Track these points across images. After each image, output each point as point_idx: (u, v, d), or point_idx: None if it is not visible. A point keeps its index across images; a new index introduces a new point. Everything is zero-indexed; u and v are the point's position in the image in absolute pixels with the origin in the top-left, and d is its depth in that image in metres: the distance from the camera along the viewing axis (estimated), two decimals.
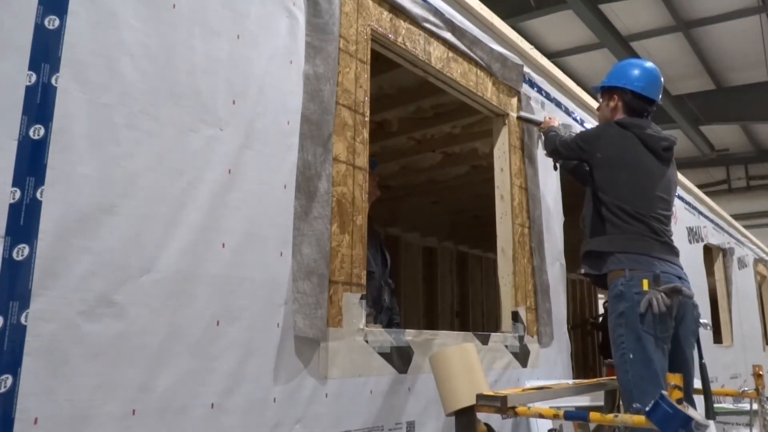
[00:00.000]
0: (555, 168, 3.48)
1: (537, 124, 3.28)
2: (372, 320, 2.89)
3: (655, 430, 1.59)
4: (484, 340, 2.72)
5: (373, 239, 2.92)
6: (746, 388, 3.30)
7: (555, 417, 1.74)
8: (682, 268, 2.59)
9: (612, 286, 2.46)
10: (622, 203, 2.54)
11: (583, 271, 2.69)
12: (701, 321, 2.60)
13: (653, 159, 2.64)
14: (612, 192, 2.59)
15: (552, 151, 2.98)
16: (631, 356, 2.31)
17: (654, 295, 2.30)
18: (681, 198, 5.90)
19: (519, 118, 3.29)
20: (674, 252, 2.60)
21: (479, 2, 3.16)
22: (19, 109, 1.33)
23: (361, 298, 2.10)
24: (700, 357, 2.61)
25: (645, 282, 2.36)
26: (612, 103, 2.75)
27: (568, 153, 2.84)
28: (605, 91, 2.81)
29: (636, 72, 2.73)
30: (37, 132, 1.34)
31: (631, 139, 2.62)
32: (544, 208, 3.39)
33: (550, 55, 9.63)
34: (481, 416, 1.83)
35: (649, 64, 2.77)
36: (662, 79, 2.82)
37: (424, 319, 7.43)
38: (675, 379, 1.64)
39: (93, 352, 1.37)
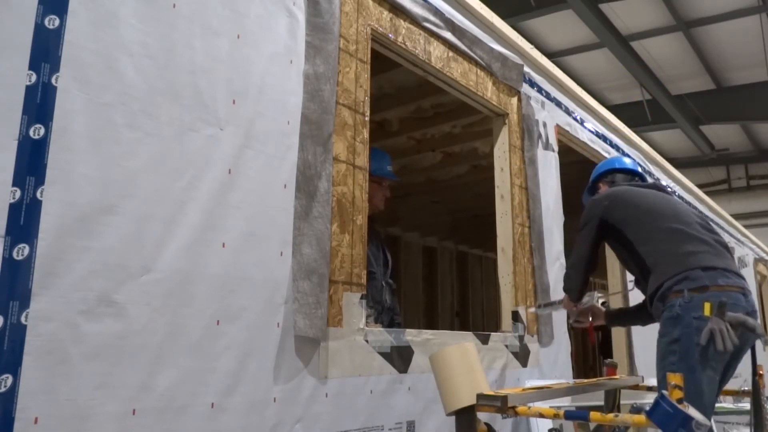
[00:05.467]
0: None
1: (557, 305, 2.97)
2: (373, 320, 2.89)
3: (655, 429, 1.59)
4: (485, 340, 2.72)
5: (374, 239, 2.92)
6: (746, 388, 3.29)
7: (555, 416, 1.74)
8: (743, 278, 2.29)
9: (668, 307, 2.18)
10: (655, 231, 2.34)
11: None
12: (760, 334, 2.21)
13: (655, 192, 2.57)
14: (636, 224, 2.40)
15: (567, 277, 2.69)
16: None
17: (718, 325, 2.01)
18: (681, 198, 5.90)
19: (538, 309, 3.03)
20: (729, 257, 2.34)
21: (479, 2, 3.16)
22: (19, 109, 1.33)
23: (362, 298, 2.10)
24: (754, 373, 2.37)
25: (707, 306, 2.06)
26: (601, 190, 2.83)
27: (580, 247, 2.56)
28: (592, 190, 2.93)
29: (614, 161, 3.02)
30: (37, 132, 1.34)
31: (622, 189, 2.61)
32: (544, 207, 3.38)
33: (550, 55, 9.62)
34: (482, 416, 1.83)
35: (627, 159, 3.07)
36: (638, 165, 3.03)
37: (424, 319, 7.43)
38: (675, 378, 1.64)
39: (93, 351, 1.37)
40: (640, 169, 2.99)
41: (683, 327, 2.11)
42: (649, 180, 2.99)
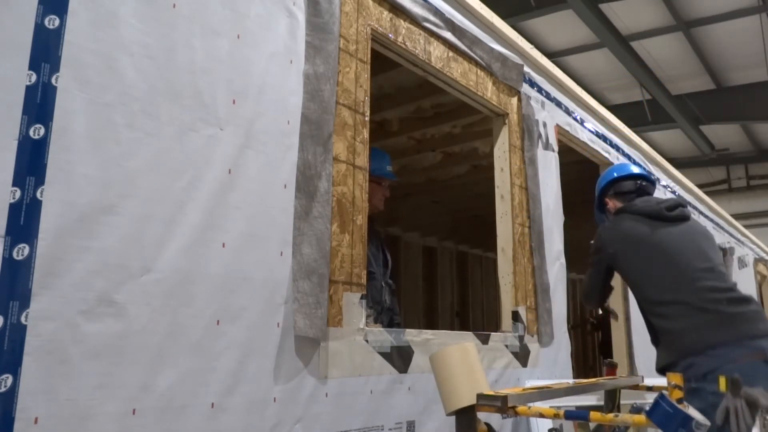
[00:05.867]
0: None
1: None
2: (373, 320, 2.89)
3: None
4: (485, 340, 2.72)
5: (374, 239, 2.92)
6: None
7: (555, 416, 1.74)
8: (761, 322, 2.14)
9: (685, 379, 2.06)
10: (657, 294, 2.26)
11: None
12: None
13: (660, 224, 2.43)
14: (641, 287, 2.35)
15: (586, 295, 2.73)
16: None
17: (733, 404, 1.90)
18: (679, 196, 5.90)
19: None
20: (750, 313, 2.19)
21: (479, 2, 3.16)
22: (19, 109, 1.33)
23: (362, 298, 2.10)
24: None
25: (722, 381, 1.95)
26: (609, 206, 2.79)
27: (593, 278, 2.58)
28: (601, 207, 2.88)
29: (613, 170, 2.90)
30: (37, 131, 1.34)
31: (626, 220, 2.53)
32: (545, 207, 3.38)
33: (550, 55, 9.63)
34: (482, 416, 1.83)
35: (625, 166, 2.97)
36: (636, 166, 2.94)
37: (424, 319, 7.43)
38: (675, 378, 1.64)
39: (93, 351, 1.37)
40: (639, 170, 2.92)
41: (700, 401, 1.99)
42: (653, 179, 2.84)
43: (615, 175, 2.83)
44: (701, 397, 2.04)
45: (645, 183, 2.79)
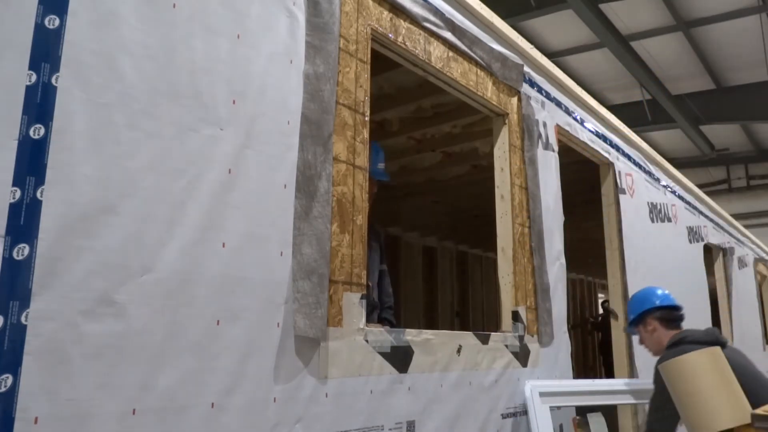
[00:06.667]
0: None
1: None
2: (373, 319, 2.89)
3: None
4: (485, 340, 2.72)
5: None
6: None
7: None
8: None
9: None
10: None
11: None
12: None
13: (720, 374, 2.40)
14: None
15: None
16: None
17: None
18: (681, 198, 5.90)
19: None
20: None
21: (479, 2, 3.16)
22: (19, 109, 1.33)
23: (362, 298, 2.10)
24: None
25: None
26: (650, 327, 2.97)
27: (668, 421, 2.50)
28: (639, 322, 3.05)
29: (652, 294, 3.12)
30: (37, 132, 1.34)
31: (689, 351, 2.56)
32: (545, 207, 3.38)
33: (550, 55, 9.63)
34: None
35: (660, 291, 3.16)
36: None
37: (424, 319, 7.43)
38: None
39: (93, 351, 1.37)
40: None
41: None
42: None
43: (663, 303, 3.04)
44: None
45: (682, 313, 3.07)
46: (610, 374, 6.52)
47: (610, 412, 3.67)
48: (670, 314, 3.02)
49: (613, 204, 4.36)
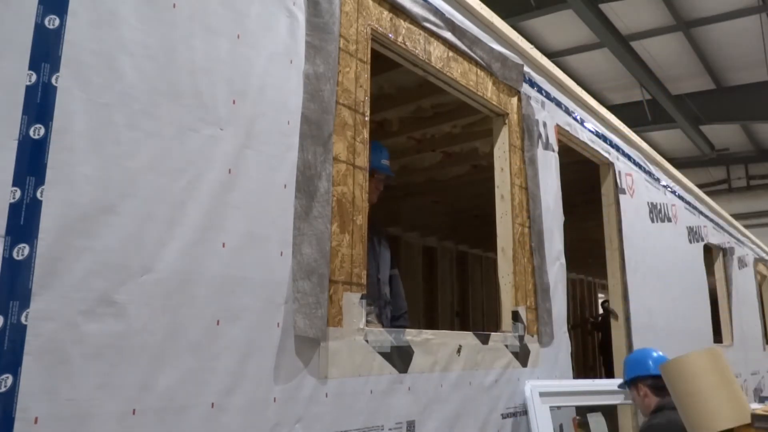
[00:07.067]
0: None
1: None
2: (375, 317, 2.88)
3: None
4: (484, 340, 2.72)
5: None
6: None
7: None
8: None
9: None
10: None
11: None
12: None
13: None
14: None
15: None
16: None
17: None
18: (681, 198, 5.90)
19: None
20: None
21: (479, 2, 3.16)
22: (19, 109, 1.33)
23: (362, 298, 2.10)
24: None
25: None
26: (641, 393, 2.98)
27: None
28: (631, 385, 3.04)
29: (648, 358, 3.07)
30: (37, 131, 1.34)
31: (675, 414, 2.54)
32: (545, 207, 3.38)
33: (550, 55, 9.63)
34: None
35: (656, 354, 3.12)
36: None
37: (424, 319, 7.43)
38: None
39: (93, 351, 1.37)
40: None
41: None
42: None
43: (651, 372, 2.99)
44: None
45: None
46: (610, 374, 6.52)
47: (610, 412, 3.67)
48: (661, 381, 3.00)
49: (613, 204, 4.36)
